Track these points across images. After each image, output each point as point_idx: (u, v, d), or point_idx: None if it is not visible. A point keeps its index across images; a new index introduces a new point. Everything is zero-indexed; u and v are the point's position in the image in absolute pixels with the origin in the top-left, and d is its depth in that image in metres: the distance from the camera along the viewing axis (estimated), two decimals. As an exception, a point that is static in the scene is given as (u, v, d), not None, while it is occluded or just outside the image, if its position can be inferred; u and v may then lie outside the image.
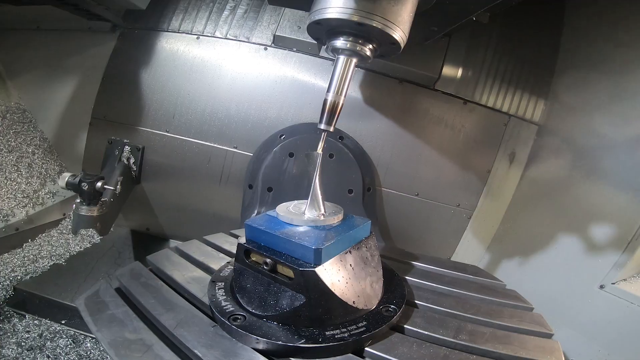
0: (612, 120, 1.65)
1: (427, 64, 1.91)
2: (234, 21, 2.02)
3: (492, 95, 1.98)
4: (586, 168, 1.72)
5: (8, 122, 2.04)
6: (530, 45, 2.00)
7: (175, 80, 2.00)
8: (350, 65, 1.06)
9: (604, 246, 1.53)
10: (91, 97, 2.08)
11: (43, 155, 2.11)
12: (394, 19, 0.95)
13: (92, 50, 2.09)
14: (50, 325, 1.58)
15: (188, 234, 2.15)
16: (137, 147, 2.01)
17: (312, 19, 1.00)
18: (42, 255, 1.86)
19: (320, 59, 1.97)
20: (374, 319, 0.91)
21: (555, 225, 1.76)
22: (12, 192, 1.91)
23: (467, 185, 2.05)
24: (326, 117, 1.06)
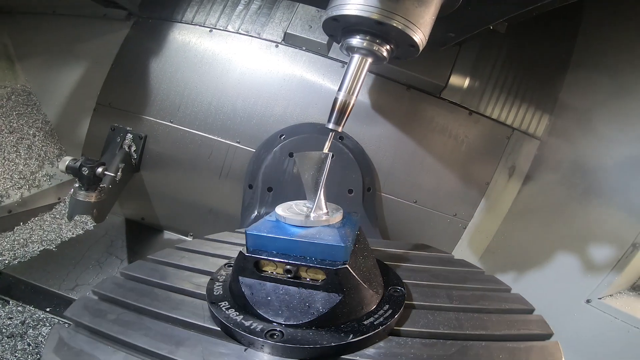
0: (614, 142, 1.67)
1: (435, 72, 1.92)
2: (247, 16, 2.02)
3: (498, 107, 2.00)
4: (584, 186, 1.74)
5: (12, 103, 2.03)
6: (541, 59, 2.01)
7: (184, 72, 2.00)
8: (365, 65, 1.02)
9: (594, 262, 1.56)
10: (98, 84, 2.07)
11: (44, 138, 2.09)
12: (415, 21, 0.92)
13: (105, 37, 2.09)
14: (34, 313, 1.56)
15: (183, 226, 2.16)
16: (140, 135, 2.00)
17: (330, 14, 0.97)
18: (32, 240, 1.84)
19: (329, 59, 1.97)
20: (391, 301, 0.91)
21: (548, 240, 1.78)
22: (8, 172, 1.89)
23: (465, 196, 2.06)
24: (335, 117, 1.03)
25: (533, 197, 2.01)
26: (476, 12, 1.11)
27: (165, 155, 2.04)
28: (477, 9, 1.08)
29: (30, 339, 1.45)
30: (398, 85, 1.96)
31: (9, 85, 2.06)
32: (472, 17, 1.16)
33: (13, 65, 2.13)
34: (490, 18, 1.18)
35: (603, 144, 1.72)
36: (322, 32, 1.91)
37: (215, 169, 2.03)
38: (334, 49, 1.96)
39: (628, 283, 1.56)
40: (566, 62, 1.99)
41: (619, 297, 1.51)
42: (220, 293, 0.95)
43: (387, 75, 1.95)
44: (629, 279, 1.54)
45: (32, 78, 2.15)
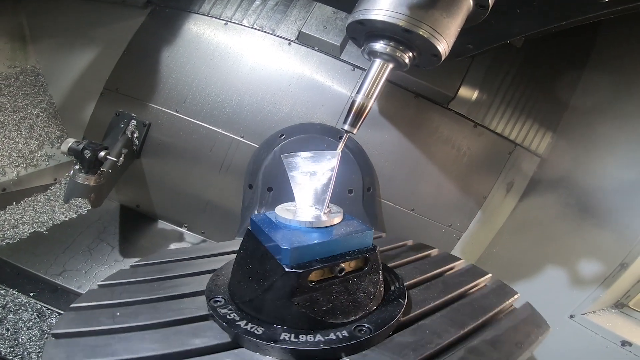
0: (614, 166, 1.70)
1: (445, 82, 1.93)
2: (263, 12, 2.02)
3: (502, 121, 2.02)
4: (579, 206, 1.77)
5: (20, 83, 2.02)
6: (551, 76, 2.03)
7: (195, 63, 2.00)
8: (386, 71, 1.02)
9: (582, 279, 1.58)
10: (108, 69, 2.07)
11: (47, 119, 2.08)
12: (442, 31, 0.92)
13: (120, 23, 2.09)
14: (17, 297, 1.52)
15: (178, 217, 2.15)
16: (144, 122, 1.99)
17: (356, 17, 0.96)
18: (24, 221, 1.82)
19: (341, 62, 1.98)
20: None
21: (539, 256, 1.81)
22: (7, 150, 1.87)
23: (462, 208, 2.08)
24: (352, 119, 1.02)
25: (528, 214, 2.04)
26: (498, 26, 1.12)
27: (167, 144, 2.03)
28: (500, 23, 1.09)
29: (9, 324, 1.41)
30: (406, 92, 1.97)
31: (19, 65, 2.06)
32: (494, 31, 1.17)
33: (26, 45, 2.12)
34: (511, 33, 1.19)
35: (602, 166, 1.75)
36: (336, 34, 1.93)
37: (217, 162, 2.02)
38: (346, 52, 1.97)
39: (612, 300, 1.59)
40: (576, 81, 2.02)
41: (601, 314, 1.54)
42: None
43: (396, 82, 1.96)
44: (613, 296, 1.57)
45: (42, 59, 2.15)
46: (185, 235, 2.11)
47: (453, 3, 0.93)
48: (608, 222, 1.62)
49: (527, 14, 1.04)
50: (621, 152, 1.69)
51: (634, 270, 1.48)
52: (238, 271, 0.92)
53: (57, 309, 1.48)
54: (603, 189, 1.71)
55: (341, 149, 1.01)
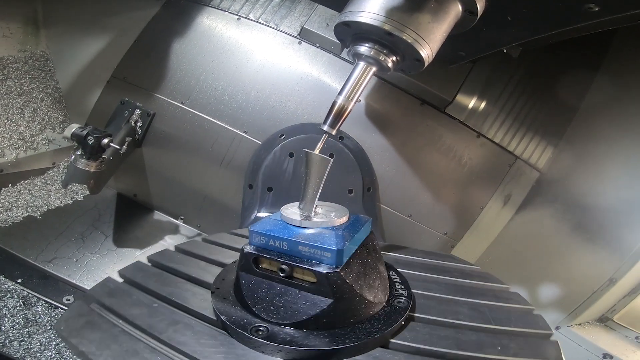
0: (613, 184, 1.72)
1: (444, 86, 1.95)
2: (270, 6, 2.04)
3: (504, 132, 2.02)
4: (574, 222, 1.79)
5: (28, 67, 2.02)
6: (555, 89, 2.03)
7: (204, 56, 2.00)
8: (368, 73, 1.04)
9: (570, 291, 1.61)
10: (117, 57, 2.07)
11: (51, 104, 2.07)
12: (425, 36, 0.94)
13: (134, 13, 2.09)
14: (4, 283, 1.45)
15: (175, 209, 2.14)
16: (148, 112, 1.99)
17: (342, 19, 0.98)
18: (18, 204, 1.79)
19: (351, 65, 1.94)
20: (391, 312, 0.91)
21: (529, 266, 1.83)
22: (8, 132, 1.85)
23: (458, 217, 2.09)
24: (331, 120, 1.06)
25: (523, 227, 2.05)
26: (489, 34, 1.13)
27: (170, 135, 2.03)
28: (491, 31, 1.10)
29: None
30: (413, 99, 1.98)
31: (29, 49, 2.06)
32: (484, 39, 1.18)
33: (38, 30, 2.12)
34: (502, 42, 1.20)
35: (601, 184, 1.77)
36: (338, 32, 1.95)
37: (218, 156, 2.02)
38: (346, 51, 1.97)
39: (598, 314, 1.62)
40: (581, 96, 2.02)
41: (586, 327, 1.57)
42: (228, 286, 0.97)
43: (400, 86, 1.97)
44: (599, 310, 1.60)
45: (53, 45, 2.15)
46: (181, 228, 2.10)
47: (440, 8, 0.94)
48: (602, 238, 1.64)
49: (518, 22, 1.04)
50: (621, 170, 1.71)
51: (621, 286, 1.51)
52: None
53: (44, 297, 1.42)
54: (600, 205, 1.73)
55: (319, 149, 1.04)
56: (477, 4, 0.94)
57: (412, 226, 2.06)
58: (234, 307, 0.88)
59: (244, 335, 0.80)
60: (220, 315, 0.85)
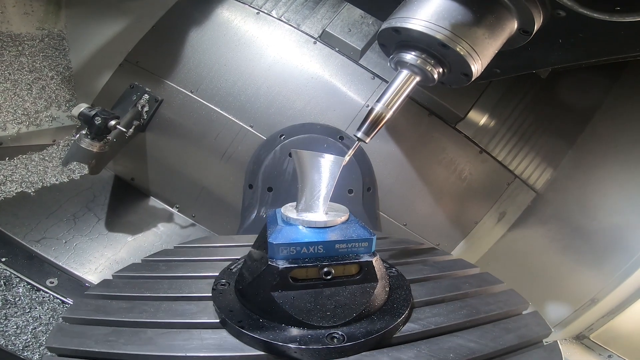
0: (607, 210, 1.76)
1: (458, 102, 1.97)
2: (293, 5, 2.06)
3: (506, 150, 2.05)
4: (564, 243, 1.83)
5: (43, 45, 2.02)
6: (561, 114, 2.07)
7: (219, 47, 2.01)
8: (411, 83, 0.99)
9: (552, 309, 1.65)
10: (132, 41, 2.08)
11: (60, 82, 2.07)
12: (480, 51, 0.90)
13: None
14: None
15: (171, 197, 2.13)
16: (156, 98, 1.99)
17: (392, 24, 0.93)
18: (12, 179, 1.76)
19: (361, 68, 2.00)
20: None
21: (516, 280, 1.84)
22: (13, 107, 1.84)
23: (452, 230, 2.11)
24: (367, 127, 0.99)
25: (514, 244, 2.08)
26: (534, 54, 1.09)
27: (175, 122, 2.03)
28: (537, 51, 1.07)
29: None
30: (421, 109, 2.00)
31: (47, 28, 2.07)
32: (525, 58, 1.14)
33: (59, 10, 2.13)
34: (542, 63, 1.16)
35: (595, 210, 1.80)
36: (359, 38, 1.96)
37: (221, 148, 2.02)
38: (365, 57, 1.99)
39: (576, 332, 1.66)
40: (586, 122, 2.06)
41: (563, 344, 1.61)
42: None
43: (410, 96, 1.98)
44: (577, 328, 1.64)
45: (71, 25, 2.16)
46: (175, 217, 2.08)
47: (497, 24, 0.90)
48: (589, 260, 1.69)
49: (568, 46, 1.01)
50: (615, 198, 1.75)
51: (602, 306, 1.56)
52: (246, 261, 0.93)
53: (27, 278, 1.38)
54: (591, 229, 1.77)
55: (350, 155, 1.00)
56: (534, 24, 0.92)
57: (406, 235, 2.07)
58: (277, 331, 0.80)
59: (325, 348, 0.76)
60: (284, 343, 0.76)
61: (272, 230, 0.85)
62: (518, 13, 0.91)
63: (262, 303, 0.82)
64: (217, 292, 0.91)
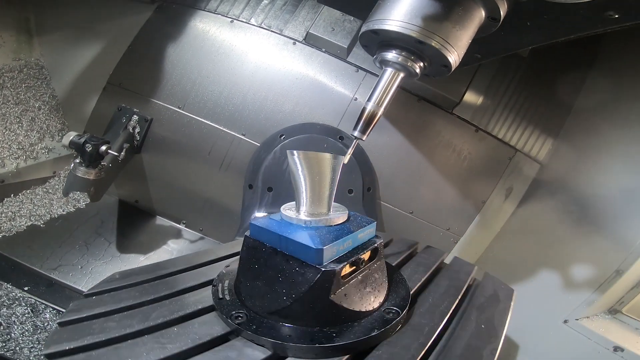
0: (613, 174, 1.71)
1: (451, 88, 1.95)
2: (272, 11, 2.03)
3: (504, 127, 2.02)
4: (578, 213, 1.77)
5: (23, 76, 2.01)
6: (554, 84, 2.04)
7: (199, 60, 2.00)
8: (397, 80, 1.05)
9: (576, 285, 1.59)
10: (112, 63, 2.07)
11: (48, 112, 2.07)
12: (453, 43, 0.94)
13: (126, 18, 2.08)
14: (11, 291, 1.49)
15: (177, 214, 2.14)
16: (146, 118, 1.99)
17: (370, 27, 0.97)
18: (21, 214, 1.80)
19: (345, 63, 1.98)
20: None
21: (535, 260, 1.81)
22: (7, 142, 1.86)
23: (461, 212, 2.09)
24: (362, 126, 1.05)
25: (526, 219, 2.04)
26: (508, 38, 1.13)
27: (168, 140, 2.03)
28: (510, 35, 1.11)
29: (2, 318, 1.38)
30: (409, 95, 1.98)
31: (24, 58, 2.05)
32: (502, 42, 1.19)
33: (31, 39, 2.12)
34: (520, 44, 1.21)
35: (602, 173, 1.75)
36: (343, 36, 1.94)
37: (217, 159, 2.02)
38: (353, 54, 1.98)
39: (606, 306, 1.59)
40: (578, 88, 2.03)
41: (594, 319, 1.54)
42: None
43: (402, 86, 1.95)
44: (607, 302, 1.57)
45: (47, 52, 2.14)
46: (184, 232, 2.10)
47: (466, 16, 0.94)
48: (606, 229, 1.63)
49: (537, 27, 1.05)
50: (621, 160, 1.70)
51: (628, 277, 1.49)
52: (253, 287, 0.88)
53: (51, 304, 1.45)
54: (602, 196, 1.71)
55: (350, 154, 1.05)
56: (500, 10, 0.95)
57: (415, 223, 2.06)
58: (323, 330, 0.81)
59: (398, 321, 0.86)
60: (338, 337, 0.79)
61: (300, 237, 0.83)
62: (484, 3, 0.95)
63: (322, 311, 0.82)
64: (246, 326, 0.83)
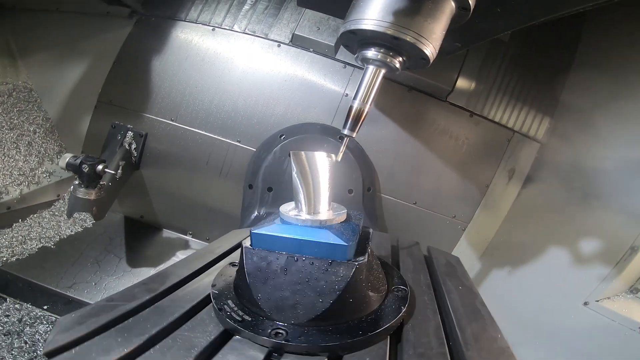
0: (615, 147, 1.67)
1: (442, 76, 1.94)
2: (254, 16, 2.02)
3: (499, 110, 2.00)
4: (583, 189, 1.75)
5: (13, 100, 2.02)
6: (543, 63, 2.02)
7: (186, 70, 1.99)
8: (379, 76, 1.07)
9: (593, 264, 1.56)
10: (100, 81, 2.06)
11: (44, 135, 2.08)
12: (427, 35, 0.96)
13: (108, 35, 2.08)
14: (32, 310, 1.55)
15: (182, 225, 2.16)
16: (140, 133, 2.00)
17: (347, 28, 1.01)
18: (31, 237, 1.84)
19: (332, 60, 1.97)
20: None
21: (547, 241, 1.79)
22: (8, 169, 1.88)
23: (465, 198, 2.07)
24: (351, 123, 1.08)
25: (532, 200, 2.02)
26: (481, 26, 1.16)
27: (165, 153, 2.04)
28: (483, 22, 1.13)
29: (27, 336, 1.44)
30: (399, 86, 1.96)
31: (11, 81, 2.05)
32: (477, 30, 1.21)
33: (15, 61, 2.12)
34: (496, 30, 1.23)
35: (603, 146, 1.73)
36: (330, 34, 1.93)
37: (216, 168, 2.03)
38: (341, 51, 1.97)
39: (626, 285, 1.56)
40: (568, 65, 2.00)
41: (616, 300, 1.51)
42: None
43: (391, 78, 1.94)
44: (627, 281, 1.54)
45: (33, 75, 2.14)
46: (191, 243, 2.13)
47: (436, 8, 0.97)
48: (615, 204, 1.60)
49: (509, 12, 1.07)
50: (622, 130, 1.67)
51: (645, 253, 1.46)
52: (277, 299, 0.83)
53: None
54: (606, 170, 1.69)
55: (343, 151, 1.09)
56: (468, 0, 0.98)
57: (419, 213, 2.05)
58: None
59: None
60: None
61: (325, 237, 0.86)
62: (451, -6, 0.98)
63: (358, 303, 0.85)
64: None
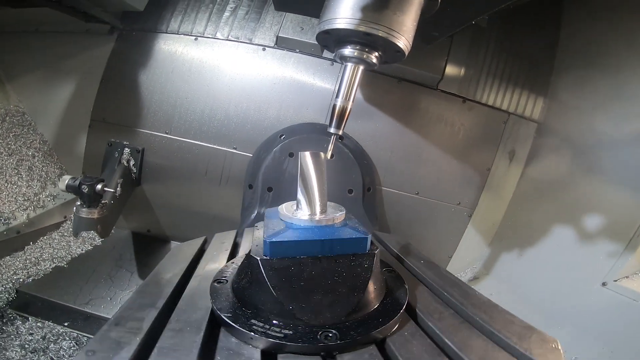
0: (612, 118, 1.65)
1: (430, 65, 1.93)
2: (235, 22, 2.01)
3: (492, 93, 1.99)
4: (586, 166, 1.73)
5: (7, 125, 2.03)
6: (529, 44, 2.00)
7: (173, 82, 2.00)
8: (358, 72, 1.10)
9: (605, 243, 1.53)
10: (90, 100, 2.07)
11: (43, 158, 2.10)
12: (398, 29, 0.98)
13: (91, 52, 2.07)
14: (53, 328, 1.60)
15: (189, 235, 2.16)
16: (137, 149, 2.01)
17: (322, 28, 1.03)
18: (43, 258, 1.88)
19: (319, 58, 1.97)
20: None
21: (556, 223, 1.77)
22: (12, 195, 1.91)
23: (467, 184, 2.06)
24: (335, 121, 1.10)
25: (536, 180, 2.00)
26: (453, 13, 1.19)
27: (164, 166, 2.05)
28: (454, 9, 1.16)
29: (52, 352, 1.49)
30: (389, 78, 1.95)
31: (2, 106, 2.06)
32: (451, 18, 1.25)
33: (3, 86, 2.12)
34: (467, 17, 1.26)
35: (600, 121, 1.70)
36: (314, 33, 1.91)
37: (215, 176, 2.04)
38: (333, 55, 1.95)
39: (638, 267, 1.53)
40: (554, 44, 1.98)
41: (635, 279, 1.50)
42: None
43: (380, 71, 1.94)
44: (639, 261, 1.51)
45: (24, 98, 2.14)
46: (199, 252, 2.14)
47: (405, 1, 0.99)
48: (619, 178, 1.58)
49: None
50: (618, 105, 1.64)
51: (659, 228, 1.43)
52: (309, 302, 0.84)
53: (92, 336, 1.54)
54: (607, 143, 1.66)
55: (331, 149, 1.12)
56: None
57: (422, 203, 2.04)
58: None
59: None
60: None
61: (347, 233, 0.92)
62: (415, -15, 1.00)
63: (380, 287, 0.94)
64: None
